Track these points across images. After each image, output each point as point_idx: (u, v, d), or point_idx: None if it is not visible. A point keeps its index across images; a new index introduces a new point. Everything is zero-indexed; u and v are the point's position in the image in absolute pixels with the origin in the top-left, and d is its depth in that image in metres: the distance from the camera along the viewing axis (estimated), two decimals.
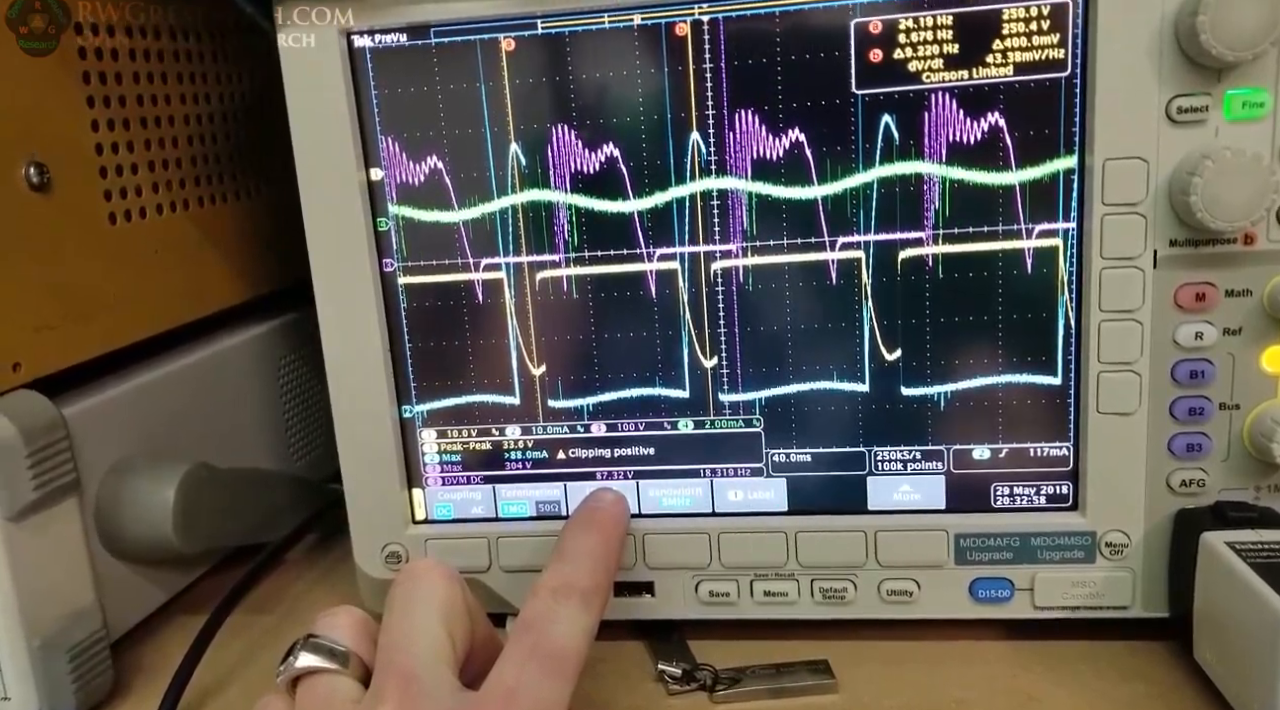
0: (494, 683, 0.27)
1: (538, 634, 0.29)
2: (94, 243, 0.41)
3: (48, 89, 0.38)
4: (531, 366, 0.39)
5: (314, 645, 0.29)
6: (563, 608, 0.30)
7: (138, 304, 0.43)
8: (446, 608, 0.29)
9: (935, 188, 0.35)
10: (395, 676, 0.27)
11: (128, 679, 0.39)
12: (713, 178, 0.36)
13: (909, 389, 0.37)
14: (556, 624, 0.29)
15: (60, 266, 0.39)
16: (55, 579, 0.36)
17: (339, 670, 0.29)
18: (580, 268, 0.38)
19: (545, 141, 0.37)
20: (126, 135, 0.42)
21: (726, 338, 0.38)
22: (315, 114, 0.37)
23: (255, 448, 0.49)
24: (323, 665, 0.29)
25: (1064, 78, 0.34)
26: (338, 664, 0.29)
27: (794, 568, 0.38)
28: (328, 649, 0.29)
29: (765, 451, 0.38)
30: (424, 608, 0.29)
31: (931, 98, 0.34)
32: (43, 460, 0.35)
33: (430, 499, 0.41)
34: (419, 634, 0.28)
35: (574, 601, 0.30)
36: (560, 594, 0.30)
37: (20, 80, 0.37)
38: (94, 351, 0.40)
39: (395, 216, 0.38)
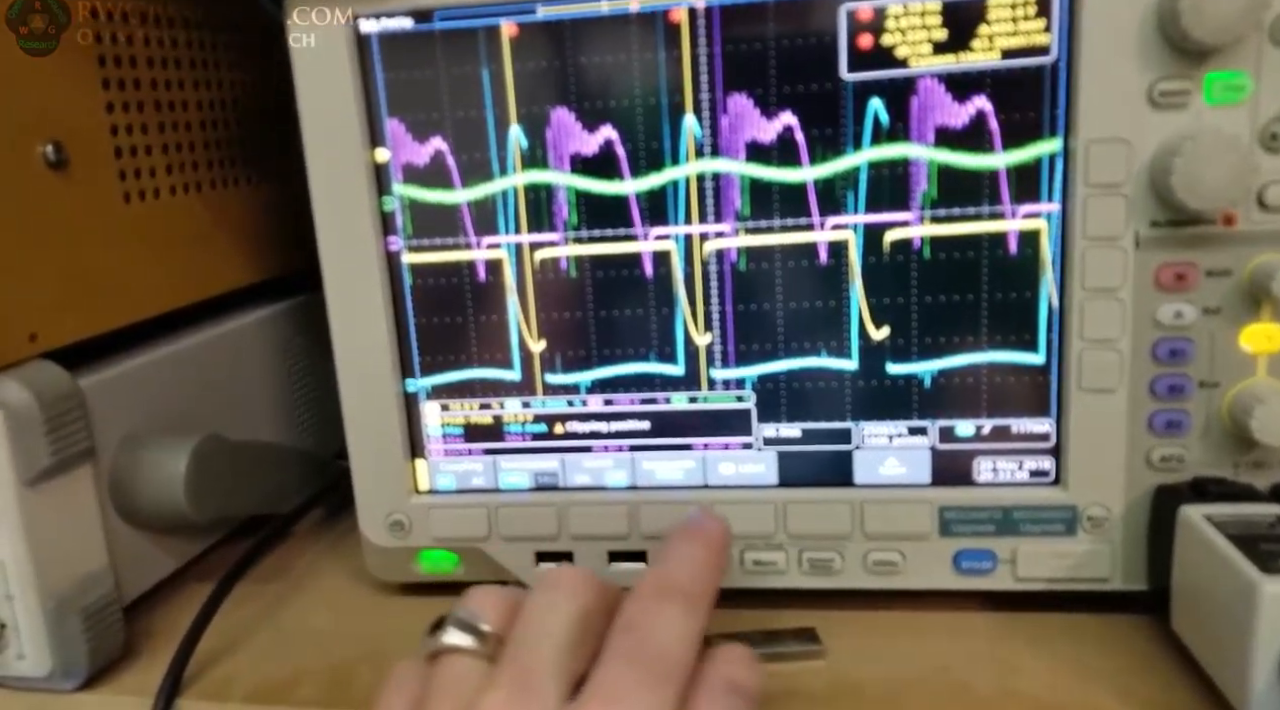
0: (594, 684, 0.26)
1: (640, 635, 0.28)
2: (109, 221, 0.42)
3: (65, 73, 0.39)
4: (531, 342, 0.40)
5: (463, 623, 0.29)
6: (665, 609, 0.28)
7: (151, 281, 0.44)
8: (583, 621, 0.28)
9: (923, 170, 0.36)
10: (514, 669, 0.27)
11: (138, 643, 0.41)
12: (707, 160, 0.37)
13: (895, 366, 0.38)
14: (659, 626, 0.28)
15: (76, 243, 0.40)
16: (69, 543, 0.38)
17: (480, 652, 0.28)
18: (578, 247, 0.39)
19: (545, 124, 0.38)
20: (140, 118, 0.44)
21: (719, 315, 0.39)
22: (323, 97, 0.38)
23: (265, 423, 0.51)
24: (467, 645, 0.28)
25: (1049, 63, 0.35)
26: (482, 646, 0.28)
27: (783, 538, 0.39)
28: (476, 629, 0.29)
29: (756, 426, 0.39)
30: (558, 617, 0.28)
31: (919, 83, 0.35)
32: (59, 428, 0.36)
33: (433, 470, 0.42)
34: (551, 637, 0.27)
35: (677, 605, 0.28)
36: (665, 595, 0.29)
37: (39, 65, 0.38)
38: (108, 326, 0.42)
39: (400, 196, 0.40)
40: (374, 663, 0.39)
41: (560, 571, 0.30)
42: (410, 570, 0.42)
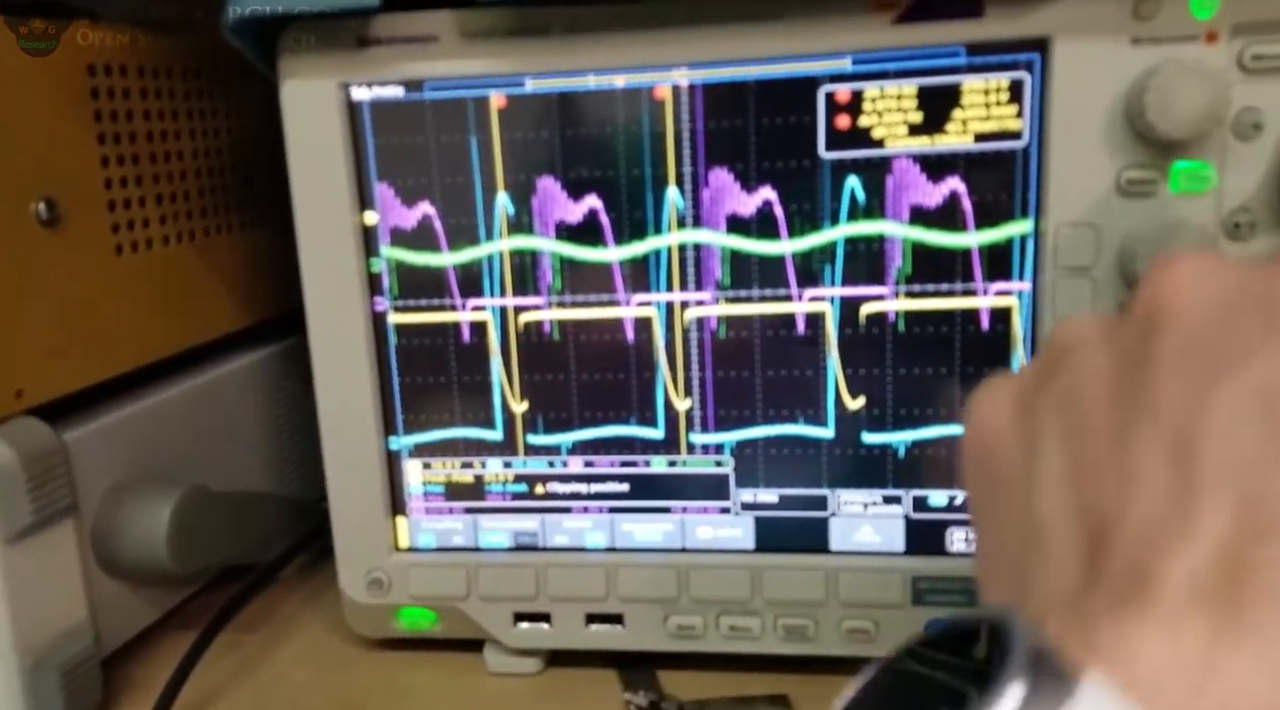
0: None
1: None
2: (101, 273, 0.42)
3: (60, 128, 0.40)
4: (513, 403, 0.41)
5: None
6: None
7: (141, 331, 0.45)
8: None
9: (898, 247, 0.37)
10: None
11: (118, 694, 0.41)
12: (689, 230, 0.38)
13: (871, 436, 0.39)
14: None
15: (66, 297, 0.40)
16: (49, 599, 0.38)
17: None
18: (562, 311, 0.40)
19: (531, 192, 0.39)
20: (135, 170, 0.44)
21: (699, 381, 0.39)
22: (313, 160, 0.39)
23: (250, 468, 0.51)
24: None
25: (1021, 147, 0.36)
26: None
27: (759, 605, 0.39)
28: None
29: (734, 491, 0.40)
30: None
31: (895, 163, 0.36)
32: (41, 485, 0.37)
33: (413, 528, 0.42)
34: None
35: None
36: None
37: (34, 120, 0.39)
38: (97, 378, 0.42)
39: (387, 258, 0.40)
40: None
41: None
42: (389, 626, 0.42)
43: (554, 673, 0.42)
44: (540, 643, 0.41)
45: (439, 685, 0.42)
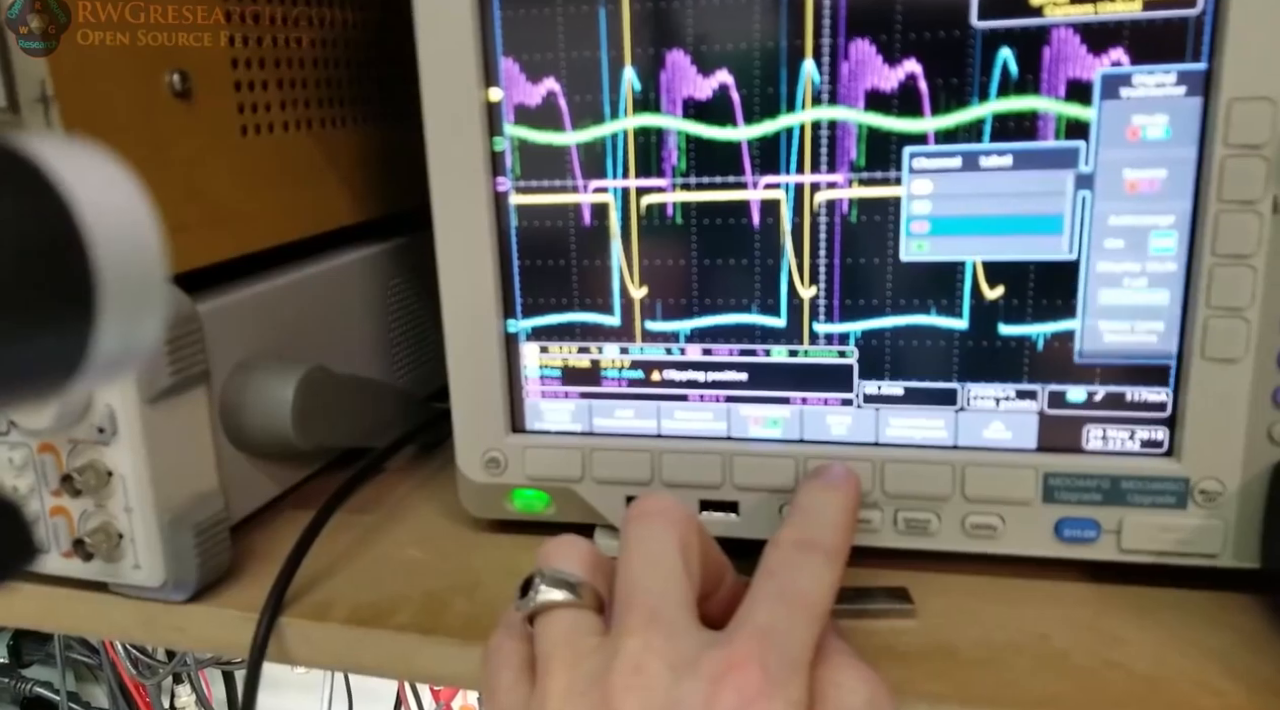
0: (743, 620, 0.26)
1: (783, 580, 0.28)
2: (227, 152, 0.43)
3: (192, 6, 0.40)
4: (632, 289, 0.40)
5: (553, 579, 0.28)
6: (807, 559, 0.29)
7: (263, 214, 0.45)
8: (683, 546, 0.28)
9: (1050, 125, 0.35)
10: (638, 612, 0.26)
11: (243, 562, 0.42)
12: (824, 107, 0.37)
13: (1007, 327, 0.37)
14: (801, 573, 0.28)
15: (197, 172, 0.41)
16: (184, 461, 0.39)
17: (579, 604, 0.28)
18: (686, 194, 0.39)
19: (659, 66, 0.38)
20: (259, 52, 0.45)
21: (826, 269, 0.38)
22: (441, 36, 0.39)
23: (366, 359, 0.52)
24: (565, 600, 0.28)
25: (1193, 15, 0.33)
26: (580, 597, 0.28)
27: (879, 497, 0.39)
28: (567, 582, 0.28)
29: (857, 383, 0.39)
30: (661, 545, 0.28)
31: (1053, 33, 0.34)
32: (179, 349, 0.38)
33: (530, 410, 0.42)
34: (659, 571, 0.27)
35: (817, 556, 0.29)
36: (803, 547, 0.29)
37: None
38: (226, 254, 0.43)
39: (511, 137, 0.40)
40: (467, 593, 0.40)
41: (646, 500, 0.30)
42: (503, 507, 0.43)
43: None
44: None
45: None
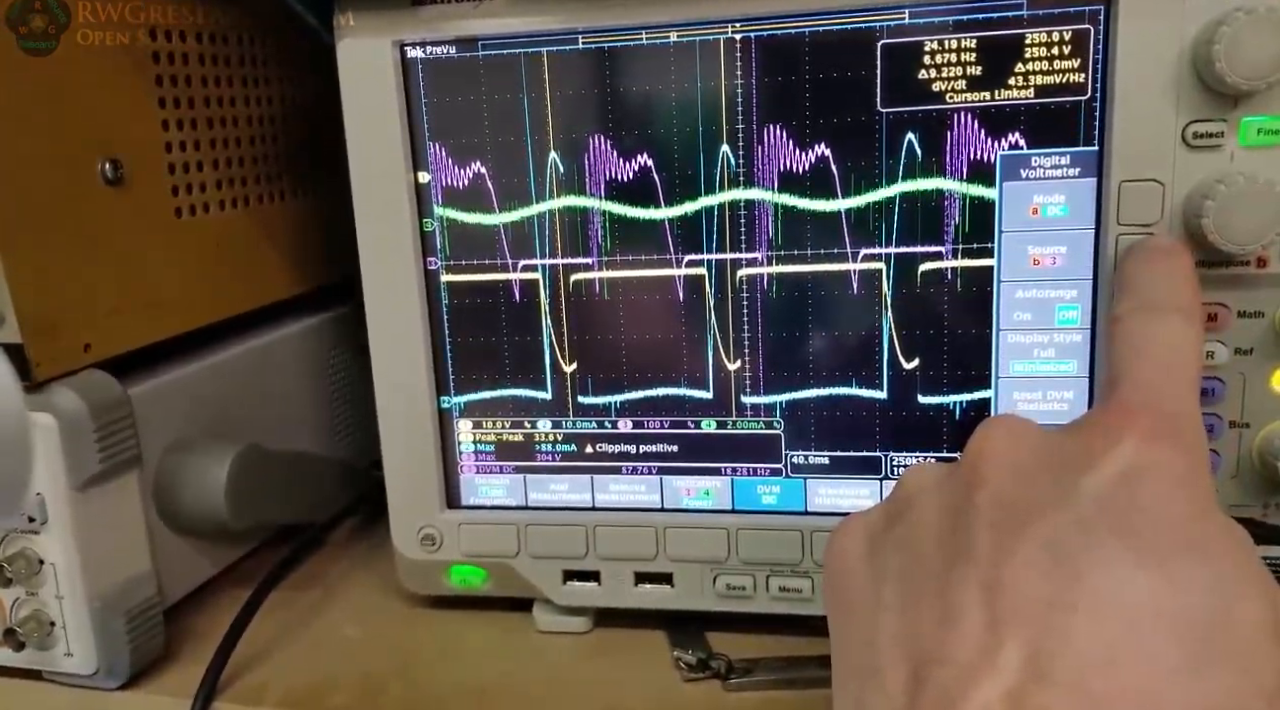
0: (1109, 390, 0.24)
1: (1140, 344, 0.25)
2: (161, 235, 0.43)
3: (124, 91, 0.41)
4: (563, 363, 0.41)
5: None
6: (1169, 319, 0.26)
7: (199, 293, 0.46)
8: None
9: (955, 204, 0.36)
10: None
11: (177, 644, 0.42)
12: (741, 189, 0.38)
13: (925, 397, 0.38)
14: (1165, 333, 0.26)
15: (130, 256, 0.41)
16: (115, 546, 0.39)
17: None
18: (612, 271, 0.40)
19: (583, 150, 0.39)
20: (194, 134, 0.45)
21: (750, 342, 0.39)
22: (368, 119, 0.39)
23: (303, 432, 0.52)
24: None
25: (1084, 101, 0.35)
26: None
27: (809, 566, 0.39)
28: None
29: (785, 453, 0.40)
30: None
31: (954, 117, 0.36)
32: (108, 435, 0.38)
33: (465, 485, 0.43)
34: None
35: (1174, 317, 0.26)
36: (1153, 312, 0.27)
37: (100, 83, 0.39)
38: (159, 336, 0.43)
39: (440, 217, 0.41)
40: (404, 676, 0.40)
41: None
42: (441, 583, 0.43)
43: (603, 632, 0.42)
44: (589, 601, 0.42)
45: (489, 643, 0.42)
